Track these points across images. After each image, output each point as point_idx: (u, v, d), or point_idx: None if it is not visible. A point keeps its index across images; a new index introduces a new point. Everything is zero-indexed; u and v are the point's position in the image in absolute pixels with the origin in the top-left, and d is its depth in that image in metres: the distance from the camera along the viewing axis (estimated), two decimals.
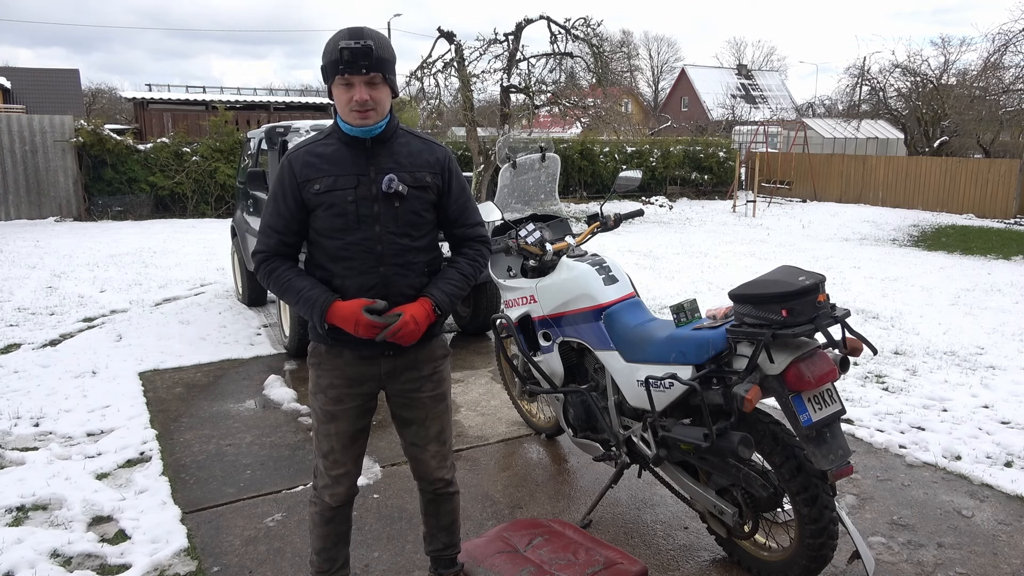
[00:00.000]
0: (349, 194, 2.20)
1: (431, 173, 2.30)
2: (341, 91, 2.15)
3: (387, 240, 2.23)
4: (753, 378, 2.46)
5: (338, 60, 2.10)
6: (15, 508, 3.34)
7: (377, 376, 2.35)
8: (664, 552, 3.02)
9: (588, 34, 13.97)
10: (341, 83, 2.14)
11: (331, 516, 2.43)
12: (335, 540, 2.47)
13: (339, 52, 2.09)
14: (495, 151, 12.08)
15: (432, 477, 2.49)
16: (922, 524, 3.23)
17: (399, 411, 2.45)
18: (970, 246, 12.14)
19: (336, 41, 2.13)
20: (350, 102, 2.14)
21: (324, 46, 2.17)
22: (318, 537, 2.46)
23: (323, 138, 2.27)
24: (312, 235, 2.26)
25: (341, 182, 2.20)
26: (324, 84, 2.21)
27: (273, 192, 2.27)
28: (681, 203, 19.00)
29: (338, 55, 2.10)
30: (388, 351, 2.30)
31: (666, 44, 71.36)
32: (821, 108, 34.46)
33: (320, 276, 2.26)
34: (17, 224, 13.70)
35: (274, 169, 6.25)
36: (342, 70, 2.11)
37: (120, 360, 5.56)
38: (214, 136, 15.53)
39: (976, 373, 5.31)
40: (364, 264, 2.23)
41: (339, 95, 2.17)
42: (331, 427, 2.34)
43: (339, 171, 2.21)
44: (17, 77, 28.20)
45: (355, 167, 2.21)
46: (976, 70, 21.18)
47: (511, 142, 3.94)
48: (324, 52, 2.16)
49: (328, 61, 2.14)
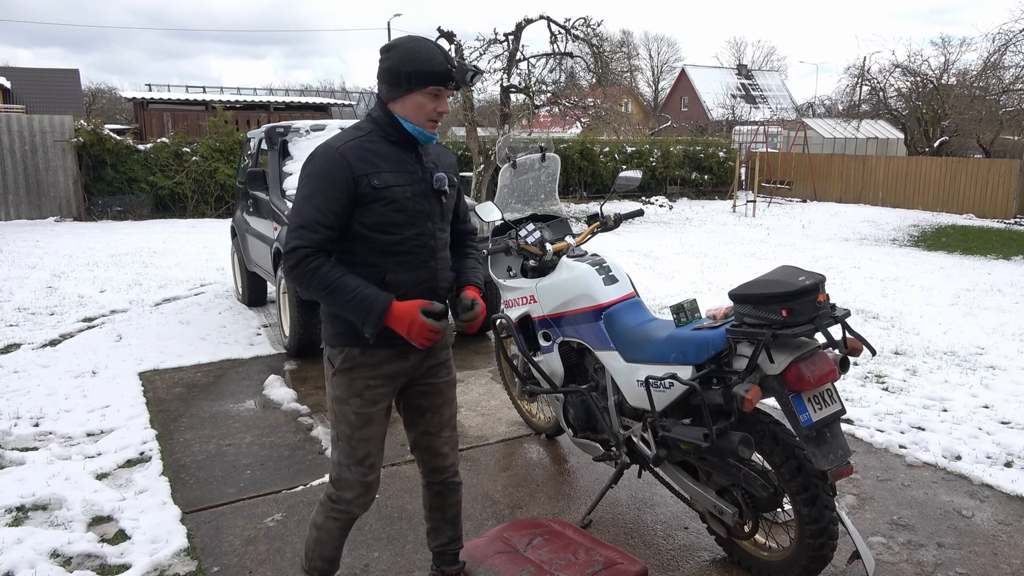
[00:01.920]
0: (407, 190, 2.25)
1: (454, 174, 2.45)
2: (427, 99, 2.22)
3: (437, 235, 2.33)
4: (753, 378, 2.46)
5: (443, 73, 2.19)
6: (15, 508, 3.34)
7: (407, 370, 2.36)
8: (664, 552, 3.02)
9: (588, 34, 13.97)
10: (432, 92, 2.21)
11: (349, 526, 2.41)
12: (341, 547, 2.47)
13: (448, 68, 2.19)
14: (495, 151, 12.08)
15: (445, 464, 2.52)
16: (922, 524, 3.23)
17: (417, 400, 2.45)
18: (970, 246, 12.14)
19: (438, 53, 2.20)
20: (433, 111, 2.23)
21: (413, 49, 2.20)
22: (333, 548, 2.43)
23: (365, 135, 2.25)
24: (358, 230, 2.21)
25: (398, 178, 2.24)
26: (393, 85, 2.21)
27: (317, 186, 2.16)
28: (681, 203, 19.00)
29: (444, 69, 2.19)
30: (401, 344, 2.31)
31: (666, 44, 71.42)
32: (821, 108, 34.47)
33: (362, 272, 2.22)
34: (17, 224, 13.70)
35: (274, 169, 6.25)
36: (446, 83, 2.21)
37: (120, 360, 5.56)
38: (214, 136, 15.53)
39: (976, 373, 5.31)
40: (418, 258, 2.28)
41: (423, 102, 2.22)
42: (367, 431, 2.30)
43: (393, 168, 2.24)
44: (17, 77, 28.20)
45: (406, 165, 2.27)
46: (976, 70, 21.19)
47: (511, 142, 3.95)
48: (415, 58, 2.18)
49: (423, 70, 2.18)
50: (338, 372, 2.29)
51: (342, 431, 2.31)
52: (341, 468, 2.33)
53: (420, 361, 2.38)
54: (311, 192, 2.17)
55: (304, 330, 5.48)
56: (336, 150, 2.19)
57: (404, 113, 2.24)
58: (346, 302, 2.13)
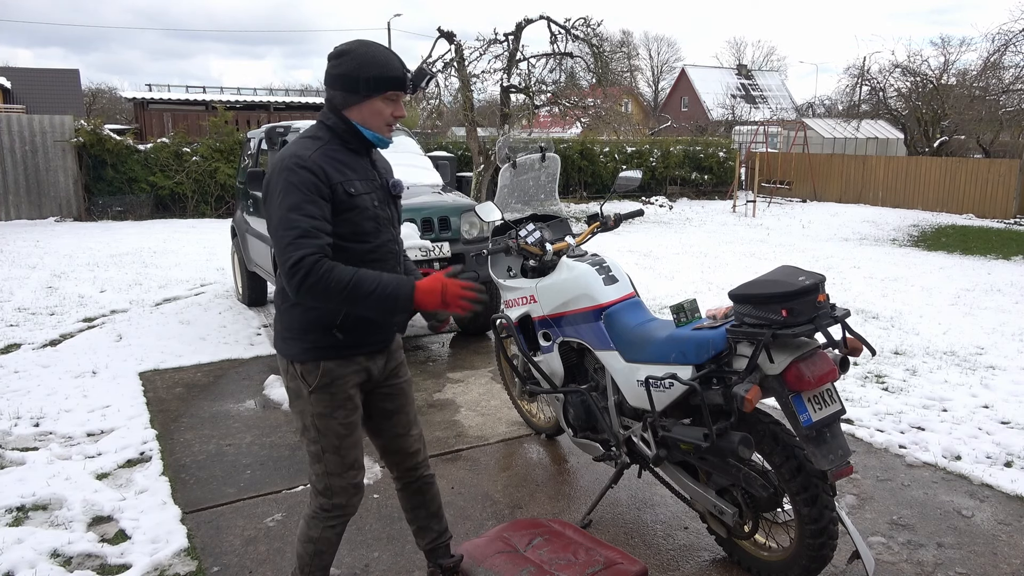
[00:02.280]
0: (373, 197, 2.23)
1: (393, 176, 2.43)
2: (385, 105, 2.19)
3: (398, 240, 2.35)
4: (753, 378, 2.46)
5: (400, 78, 2.17)
6: (15, 508, 3.34)
7: (375, 372, 2.35)
8: (664, 552, 3.02)
9: (588, 34, 13.97)
10: (390, 98, 2.19)
11: (344, 529, 2.42)
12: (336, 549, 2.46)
13: (405, 72, 2.17)
14: (495, 151, 12.08)
15: (417, 461, 2.52)
16: (922, 524, 3.23)
17: (383, 404, 2.44)
18: (970, 246, 12.14)
19: (394, 58, 2.18)
20: (390, 116, 2.22)
21: (368, 55, 2.16)
22: (330, 555, 2.42)
23: (326, 143, 2.19)
24: (335, 242, 2.13)
25: (365, 186, 2.21)
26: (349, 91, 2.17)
27: (304, 196, 2.07)
28: (681, 203, 19.00)
29: (401, 74, 2.17)
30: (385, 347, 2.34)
31: (666, 44, 71.44)
32: (821, 108, 34.47)
33: None
34: (17, 224, 13.70)
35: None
36: (405, 88, 2.19)
37: (120, 360, 5.56)
38: (214, 136, 15.53)
39: (976, 373, 5.31)
40: (388, 265, 2.27)
41: (381, 108, 2.19)
42: (354, 437, 2.31)
43: (359, 176, 2.21)
44: (17, 77, 28.21)
45: (367, 172, 2.26)
46: (976, 70, 21.19)
47: (511, 142, 3.95)
48: (372, 64, 2.15)
49: (382, 75, 2.15)
50: (317, 389, 2.23)
51: (328, 444, 2.27)
52: (331, 478, 2.30)
53: (384, 364, 2.38)
54: (298, 202, 2.06)
55: None
56: (310, 159, 2.11)
57: (362, 119, 2.20)
58: (370, 295, 2.04)
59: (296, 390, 2.27)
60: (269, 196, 2.15)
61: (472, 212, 5.69)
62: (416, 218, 5.58)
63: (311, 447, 2.30)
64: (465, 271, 2.18)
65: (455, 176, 7.62)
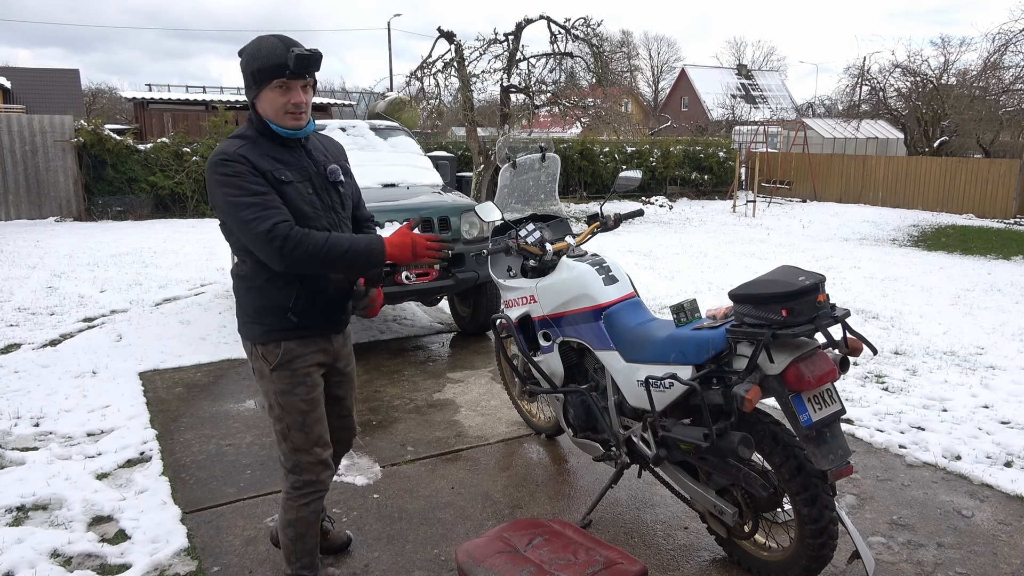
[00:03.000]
0: (307, 185, 2.32)
1: (345, 161, 2.54)
2: (277, 94, 2.21)
3: (342, 226, 2.42)
4: (753, 378, 2.46)
5: (283, 65, 2.16)
6: (15, 508, 3.34)
7: (332, 352, 2.49)
8: (664, 552, 3.02)
9: (588, 34, 13.97)
10: (278, 86, 2.20)
11: (321, 507, 2.52)
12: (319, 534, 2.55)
13: (290, 58, 2.15)
14: (495, 151, 12.09)
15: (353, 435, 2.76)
16: (922, 524, 3.23)
17: (334, 391, 2.59)
18: (970, 246, 12.14)
19: (278, 46, 2.17)
20: (287, 104, 2.23)
21: (252, 52, 2.20)
22: (313, 536, 2.50)
23: (248, 142, 2.25)
24: None
25: (296, 174, 2.30)
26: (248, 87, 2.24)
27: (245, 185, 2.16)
28: (681, 203, 19.00)
29: (285, 61, 2.15)
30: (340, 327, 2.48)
31: (666, 44, 71.46)
32: (821, 108, 34.47)
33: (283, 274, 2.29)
34: (17, 224, 13.70)
35: None
36: (289, 74, 2.17)
37: (120, 360, 5.56)
38: (214, 136, 15.52)
39: (976, 373, 5.31)
40: None
41: (274, 97, 2.22)
42: (317, 413, 2.44)
43: (288, 165, 2.29)
44: (17, 77, 28.18)
45: (298, 161, 2.33)
46: (976, 70, 21.18)
47: (511, 142, 3.95)
48: (256, 56, 2.19)
49: (265, 65, 2.18)
50: (277, 367, 2.36)
51: (293, 421, 2.40)
52: (299, 455, 2.42)
53: (341, 344, 2.52)
54: (240, 187, 2.16)
55: None
56: (234, 154, 2.19)
57: (264, 112, 2.26)
58: (345, 253, 2.18)
59: (260, 370, 2.40)
60: (212, 195, 2.23)
61: (472, 212, 5.69)
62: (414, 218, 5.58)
63: (277, 426, 2.43)
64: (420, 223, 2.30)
65: (455, 176, 7.62)
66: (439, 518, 3.29)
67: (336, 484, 3.60)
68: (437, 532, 3.17)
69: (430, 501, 3.42)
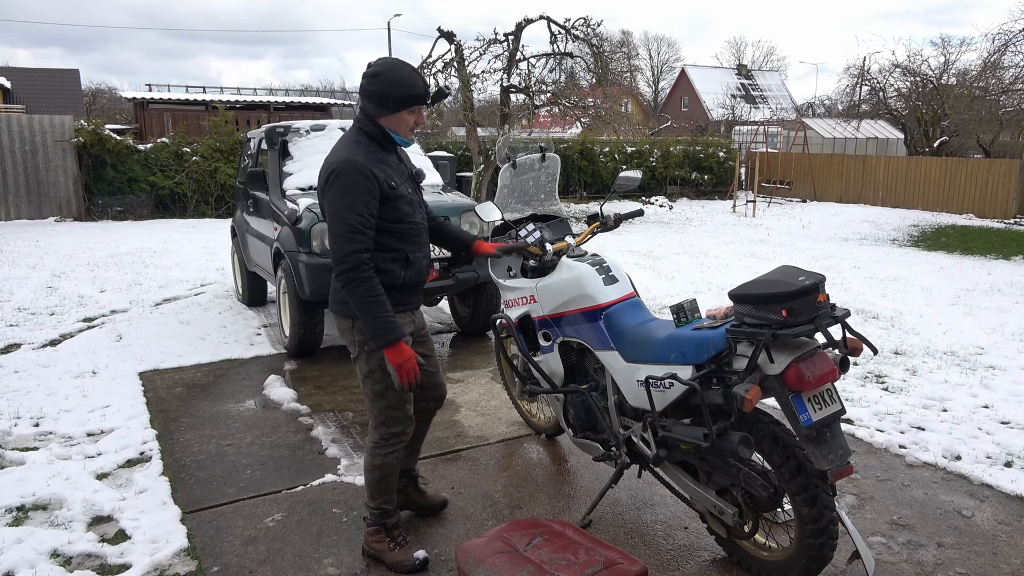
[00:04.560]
0: (407, 185, 2.81)
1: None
2: (408, 116, 2.73)
3: (424, 218, 2.92)
4: (753, 378, 2.46)
5: (421, 95, 2.70)
6: (15, 508, 3.34)
7: (419, 321, 3.02)
8: (664, 552, 3.02)
9: (588, 34, 13.97)
10: (413, 110, 2.72)
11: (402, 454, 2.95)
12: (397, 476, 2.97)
13: (427, 90, 2.72)
14: (495, 151, 12.07)
15: (438, 395, 3.17)
16: (922, 524, 3.23)
17: (419, 348, 3.01)
18: (970, 246, 12.14)
19: (417, 78, 2.71)
20: (414, 124, 2.76)
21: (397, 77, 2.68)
22: (393, 477, 2.92)
23: (364, 148, 2.71)
24: (383, 224, 2.70)
25: (399, 178, 2.77)
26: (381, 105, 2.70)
27: (357, 196, 2.61)
28: (681, 203, 19.00)
29: (422, 92, 2.70)
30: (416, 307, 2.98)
31: (666, 44, 71.51)
32: (821, 108, 34.46)
33: (394, 256, 2.76)
34: (17, 224, 13.70)
35: (274, 169, 6.26)
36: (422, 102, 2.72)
37: (120, 360, 5.56)
38: (214, 136, 15.53)
39: (976, 373, 5.31)
40: (421, 238, 2.86)
41: (407, 119, 2.74)
42: None
43: (395, 170, 2.77)
44: (17, 77, 28.18)
45: (399, 166, 2.83)
46: (976, 70, 21.19)
47: (511, 142, 3.95)
48: (400, 84, 2.67)
49: (408, 95, 2.68)
50: None
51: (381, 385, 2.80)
52: (392, 411, 2.84)
53: (420, 315, 3.06)
54: (351, 202, 2.61)
55: (304, 330, 5.48)
56: (363, 165, 2.64)
57: (391, 127, 2.75)
58: (376, 316, 2.62)
59: (361, 343, 2.78)
60: (327, 191, 2.67)
61: (472, 212, 5.69)
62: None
63: (375, 387, 2.81)
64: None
65: (455, 176, 7.62)
66: (439, 518, 3.29)
67: (336, 484, 3.60)
68: (437, 532, 3.17)
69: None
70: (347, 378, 5.21)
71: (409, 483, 3.26)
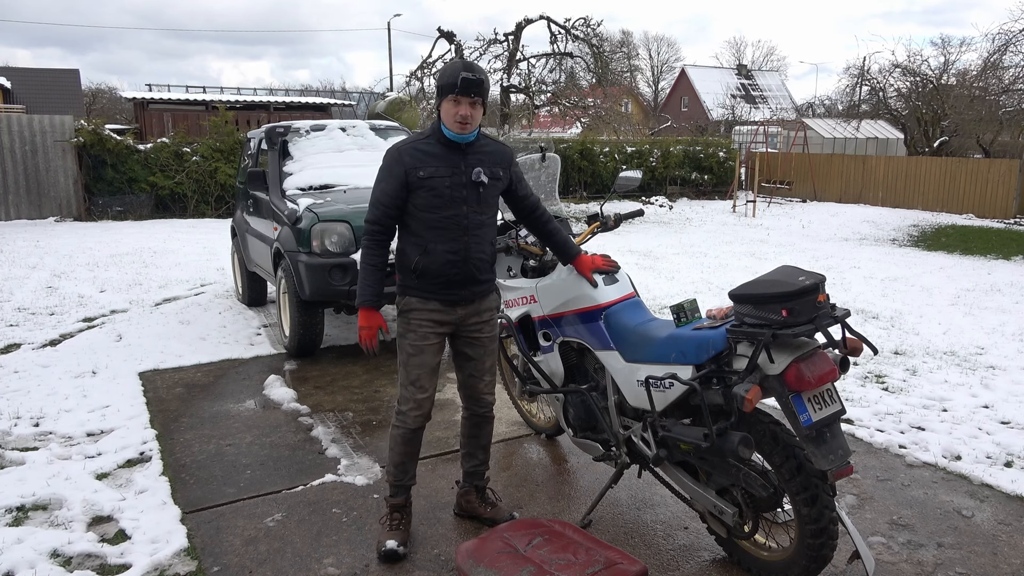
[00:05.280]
0: (446, 180, 2.87)
1: (504, 167, 3.02)
2: (450, 106, 2.82)
3: (471, 217, 2.91)
4: (753, 378, 2.46)
5: (451, 84, 2.77)
6: (15, 508, 3.34)
7: (453, 320, 2.99)
8: (664, 552, 3.02)
9: (588, 34, 14.00)
10: (452, 100, 2.80)
11: (410, 437, 3.03)
12: (409, 456, 3.07)
13: (458, 79, 2.76)
14: None
15: (485, 400, 3.16)
16: (922, 524, 3.23)
17: (464, 349, 3.09)
18: (970, 246, 12.14)
19: (457, 70, 2.80)
20: (457, 115, 2.81)
21: (442, 71, 2.84)
22: (397, 454, 3.05)
23: (424, 139, 2.91)
24: (411, 209, 2.88)
25: (440, 171, 2.86)
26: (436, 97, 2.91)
27: (384, 175, 2.89)
28: (681, 203, 19.00)
29: (453, 80, 2.77)
30: (463, 302, 2.98)
31: (666, 44, 71.47)
32: (821, 108, 34.46)
33: (415, 241, 2.89)
34: (17, 224, 13.70)
35: (274, 169, 6.26)
36: (457, 92, 2.77)
37: (120, 360, 5.56)
38: (214, 136, 15.51)
39: (976, 373, 5.31)
40: (451, 234, 2.88)
41: (448, 108, 2.82)
42: (418, 359, 2.96)
43: (439, 163, 2.87)
44: (17, 77, 28.18)
45: (451, 161, 2.88)
46: (976, 70, 21.19)
47: (511, 142, 3.94)
48: (442, 74, 2.81)
49: (443, 84, 2.80)
50: (400, 314, 2.99)
51: (402, 359, 2.99)
52: (401, 388, 3.00)
53: (465, 315, 3.01)
54: (379, 179, 2.91)
55: (304, 330, 5.48)
56: (396, 149, 2.90)
57: (443, 118, 2.87)
58: (362, 279, 2.91)
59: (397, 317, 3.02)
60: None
61: None
62: None
63: (399, 356, 3.00)
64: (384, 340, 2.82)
65: None
66: (439, 518, 3.29)
67: (336, 484, 3.60)
68: (437, 532, 3.17)
69: (430, 501, 3.42)
70: (347, 378, 5.21)
71: (472, 491, 3.26)
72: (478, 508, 3.23)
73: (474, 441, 3.23)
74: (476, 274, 2.96)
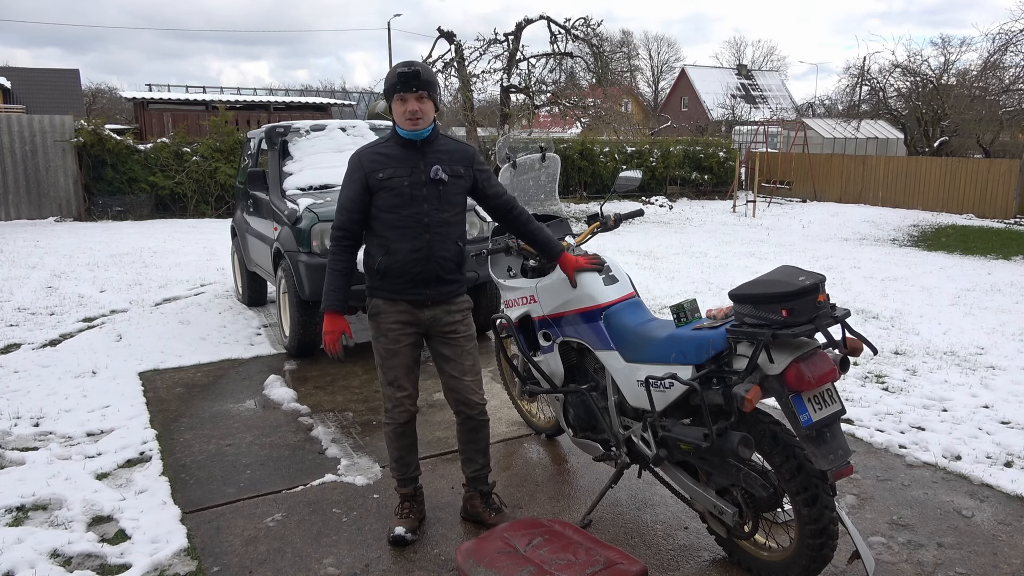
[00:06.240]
0: (404, 180, 2.91)
1: (464, 165, 3.02)
2: (397, 104, 2.88)
3: (432, 215, 2.93)
4: (753, 378, 2.46)
5: (394, 82, 2.84)
6: (15, 508, 3.34)
7: (422, 321, 3.02)
8: (664, 552, 3.02)
9: (588, 34, 13.99)
10: (398, 100, 2.87)
11: (401, 431, 3.08)
12: (407, 449, 3.12)
13: (396, 76, 2.83)
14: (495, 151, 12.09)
15: (472, 401, 3.08)
16: (922, 524, 3.23)
17: (440, 349, 3.09)
18: (970, 246, 12.14)
19: (395, 70, 2.87)
20: (405, 112, 2.86)
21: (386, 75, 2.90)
22: (394, 449, 3.11)
23: (383, 142, 2.98)
24: (373, 211, 2.93)
25: (399, 172, 2.90)
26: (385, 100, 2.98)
27: (346, 181, 2.96)
28: (681, 203, 19.00)
29: (395, 79, 2.84)
30: (429, 303, 2.99)
31: (666, 44, 71.46)
32: (821, 108, 34.46)
33: (378, 242, 2.94)
34: (17, 224, 13.70)
35: (274, 169, 6.27)
36: (398, 89, 2.83)
37: (120, 360, 5.56)
38: (214, 136, 15.52)
39: (976, 373, 5.31)
40: (412, 232, 2.91)
41: (396, 107, 2.89)
42: (393, 361, 3.01)
43: (397, 164, 2.92)
44: (17, 77, 28.16)
45: (409, 161, 2.93)
46: (976, 70, 21.19)
47: (511, 142, 3.95)
48: (385, 79, 2.90)
49: (388, 85, 2.87)
50: (369, 317, 3.04)
51: (377, 361, 3.05)
52: (382, 386, 3.07)
53: (435, 317, 3.03)
54: (343, 185, 2.98)
55: (304, 330, 5.48)
56: (357, 154, 2.98)
57: (395, 119, 2.94)
58: (327, 283, 2.95)
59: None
60: None
61: (472, 212, 5.69)
62: None
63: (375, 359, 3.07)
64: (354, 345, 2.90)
65: None
66: (439, 518, 3.29)
67: (336, 484, 3.60)
68: (437, 532, 3.17)
69: (430, 501, 3.42)
70: (347, 378, 5.21)
71: (477, 495, 3.22)
72: (483, 514, 3.19)
73: (472, 446, 3.19)
74: (441, 273, 2.97)
